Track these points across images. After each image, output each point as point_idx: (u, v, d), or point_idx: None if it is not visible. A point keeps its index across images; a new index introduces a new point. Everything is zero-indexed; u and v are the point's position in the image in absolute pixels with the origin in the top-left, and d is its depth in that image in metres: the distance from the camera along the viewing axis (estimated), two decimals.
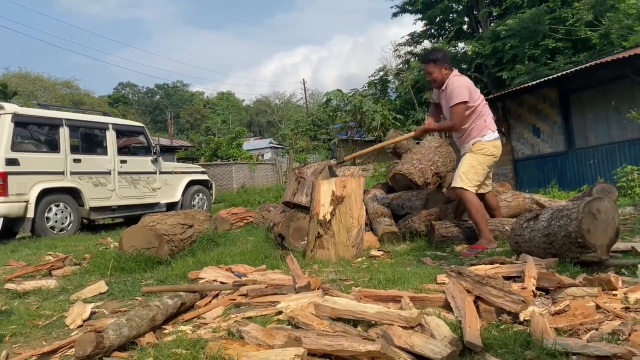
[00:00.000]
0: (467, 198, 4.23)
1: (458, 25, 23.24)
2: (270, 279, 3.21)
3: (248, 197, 15.83)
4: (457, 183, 4.29)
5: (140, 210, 8.97)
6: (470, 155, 4.31)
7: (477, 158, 4.28)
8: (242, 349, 1.95)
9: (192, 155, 29.30)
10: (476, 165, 4.27)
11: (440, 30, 24.22)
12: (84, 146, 8.65)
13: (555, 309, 2.17)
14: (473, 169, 4.26)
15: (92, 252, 5.24)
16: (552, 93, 11.45)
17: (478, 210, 4.20)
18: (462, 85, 4.24)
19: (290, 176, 5.63)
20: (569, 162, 11.10)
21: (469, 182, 4.23)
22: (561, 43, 16.02)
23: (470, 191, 4.23)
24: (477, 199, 4.26)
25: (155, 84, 73.90)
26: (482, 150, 4.28)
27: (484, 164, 4.29)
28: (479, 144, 4.28)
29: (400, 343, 1.89)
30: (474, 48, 18.79)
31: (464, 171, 4.28)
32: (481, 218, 4.19)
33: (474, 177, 4.25)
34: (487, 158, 4.30)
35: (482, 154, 4.28)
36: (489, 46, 18.07)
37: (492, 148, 4.30)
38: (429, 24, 23.93)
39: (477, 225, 4.22)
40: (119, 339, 2.28)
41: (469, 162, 4.29)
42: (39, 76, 39.81)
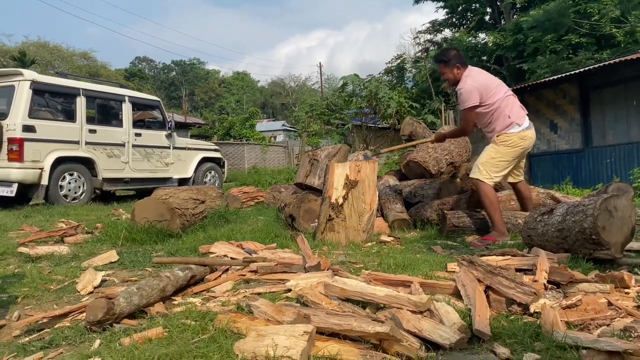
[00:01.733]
0: (482, 189, 4.19)
1: (480, 16, 22.91)
2: (280, 257, 3.23)
3: (259, 177, 15.85)
4: (475, 174, 4.26)
5: (153, 184, 9.02)
6: (492, 146, 4.25)
7: (499, 150, 4.21)
8: (251, 323, 1.96)
9: (205, 133, 29.36)
10: (497, 157, 4.20)
11: (462, 19, 23.91)
12: (100, 117, 8.68)
13: (566, 303, 2.16)
14: (493, 161, 4.21)
15: (104, 222, 5.29)
16: (572, 89, 11.27)
17: (492, 202, 4.16)
18: (471, 89, 4.16)
19: (304, 158, 5.62)
20: (585, 160, 10.96)
21: (487, 174, 4.19)
22: (585, 38, 15.74)
23: (486, 183, 4.18)
24: (492, 191, 4.21)
25: (172, 60, 74.09)
26: (505, 142, 4.20)
27: (508, 155, 4.21)
28: (504, 135, 4.20)
29: (409, 327, 1.89)
30: (495, 39, 18.52)
31: (482, 162, 4.23)
32: (495, 210, 4.14)
33: (493, 169, 4.19)
34: (512, 150, 4.20)
35: (506, 146, 4.20)
36: (510, 38, 17.80)
37: (517, 140, 4.20)
38: (450, 13, 23.63)
39: (491, 218, 4.18)
40: (129, 306, 2.30)
41: (490, 153, 4.23)
42: (57, 46, 39.88)
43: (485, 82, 4.26)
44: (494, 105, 4.20)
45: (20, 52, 27.69)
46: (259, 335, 1.77)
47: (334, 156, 5.40)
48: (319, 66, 48.32)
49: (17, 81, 7.47)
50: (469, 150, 6.08)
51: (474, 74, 4.29)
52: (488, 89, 4.21)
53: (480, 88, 4.18)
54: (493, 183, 4.23)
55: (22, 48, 32.91)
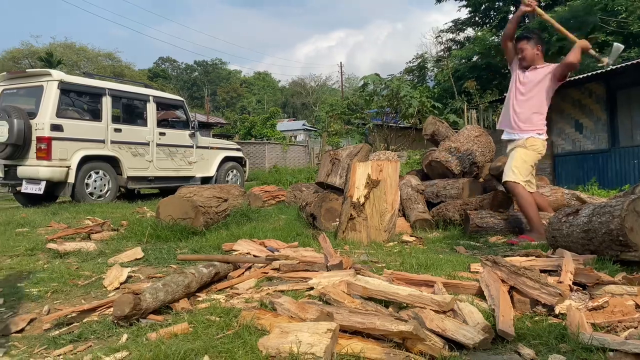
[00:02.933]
0: (519, 192, 4.17)
1: (503, 14, 22.64)
2: (302, 255, 3.24)
3: (280, 176, 15.93)
4: (510, 177, 4.24)
5: (176, 183, 9.15)
6: (523, 150, 4.25)
7: (529, 154, 4.24)
8: (275, 320, 1.99)
9: (227, 132, 29.60)
10: (528, 160, 4.24)
11: (485, 18, 23.68)
12: (125, 116, 8.83)
13: (592, 305, 2.13)
14: (525, 164, 4.23)
15: (129, 219, 5.38)
16: (599, 88, 11.06)
17: (531, 204, 4.14)
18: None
19: (325, 157, 5.64)
20: (611, 161, 10.75)
21: (521, 177, 4.19)
22: (612, 36, 15.43)
23: (522, 185, 4.17)
24: (528, 193, 4.20)
25: (195, 60, 74.81)
26: (534, 147, 4.24)
27: (533, 160, 4.27)
28: (532, 139, 4.25)
29: (432, 326, 1.88)
30: None
31: (516, 165, 4.23)
32: (534, 212, 4.12)
33: (525, 172, 4.22)
34: (537, 156, 4.28)
35: (534, 150, 4.25)
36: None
37: (541, 147, 4.28)
38: (473, 11, 23.40)
39: (530, 219, 4.16)
40: (155, 302, 2.35)
41: (521, 156, 4.24)
42: (83, 47, 40.67)
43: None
44: (546, 102, 4.30)
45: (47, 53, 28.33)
46: (283, 331, 1.78)
47: (355, 155, 5.40)
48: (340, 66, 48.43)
49: (45, 81, 7.64)
50: (493, 150, 6.02)
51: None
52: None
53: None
54: (528, 185, 4.22)
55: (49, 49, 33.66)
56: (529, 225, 4.20)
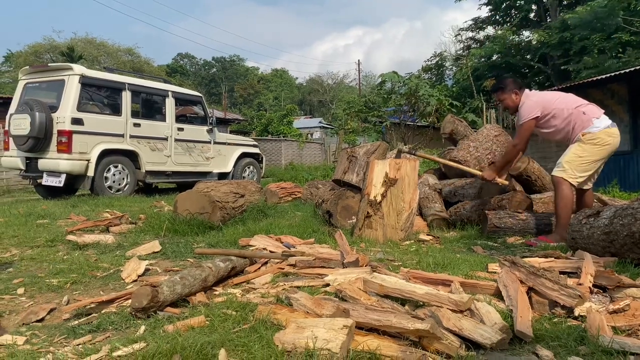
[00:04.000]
0: (562, 188, 3.98)
1: (525, 13, 22.37)
2: (318, 252, 3.24)
3: (296, 173, 15.95)
4: (558, 172, 4.04)
5: (193, 178, 9.22)
6: (579, 144, 4.02)
7: (586, 148, 3.98)
8: (291, 315, 1.99)
9: (244, 129, 29.75)
10: (585, 155, 3.98)
11: (506, 16, 23.40)
12: (144, 111, 8.93)
13: (613, 308, 2.10)
14: (580, 159, 3.98)
15: (146, 213, 5.43)
16: (621, 89, 10.85)
17: (566, 205, 3.95)
18: (532, 104, 4.13)
19: (342, 154, 5.62)
20: (634, 163, 10.55)
21: (572, 173, 3.97)
22: (635, 37, 15.14)
23: (568, 182, 3.97)
24: (571, 193, 4.00)
25: (213, 57, 75.11)
26: (593, 140, 3.97)
27: (596, 155, 3.99)
28: (591, 134, 3.98)
29: (449, 325, 1.87)
30: (540, 37, 18.04)
31: (568, 160, 4.01)
32: (566, 214, 3.92)
33: (579, 168, 3.98)
34: (601, 149, 3.99)
35: (593, 144, 3.97)
36: (556, 36, 17.29)
37: (605, 137, 3.97)
38: (494, 10, 23.14)
39: (558, 219, 3.99)
40: (172, 295, 2.37)
41: (576, 151, 4.02)
42: (103, 42, 41.14)
43: (546, 96, 4.27)
44: (564, 110, 4.10)
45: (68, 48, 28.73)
46: (299, 327, 1.79)
47: (372, 153, 5.38)
48: (357, 63, 48.23)
49: (67, 75, 7.75)
50: None
51: (533, 93, 4.31)
52: (550, 101, 4.17)
53: (541, 102, 4.14)
54: (577, 183, 4.01)
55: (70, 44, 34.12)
56: (555, 224, 4.06)
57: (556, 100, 4.16)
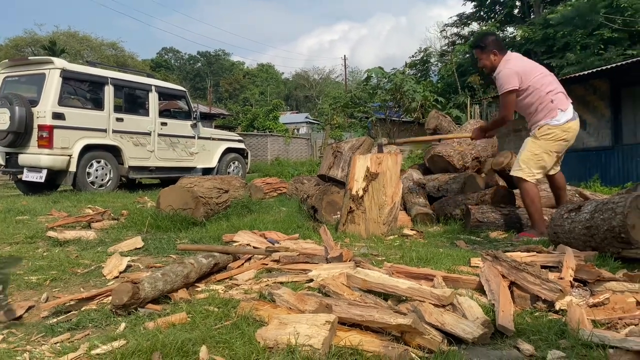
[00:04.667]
0: (524, 187, 4.01)
1: (509, 9, 22.51)
2: (302, 247, 3.23)
3: (282, 169, 15.91)
4: (516, 172, 4.07)
5: (177, 173, 9.14)
6: (533, 141, 4.03)
7: (541, 145, 3.98)
8: (274, 311, 1.98)
9: (230, 124, 29.59)
10: (539, 152, 3.98)
11: (490, 12, 23.53)
12: (127, 106, 8.81)
13: (593, 301, 2.12)
14: (535, 157, 3.99)
15: (129, 209, 5.37)
16: (603, 85, 10.99)
17: (533, 202, 3.98)
18: (510, 72, 3.98)
19: (327, 150, 5.62)
20: (614, 158, 10.70)
21: (529, 172, 3.98)
22: (617, 34, 15.32)
23: (530, 181, 3.99)
24: (535, 189, 4.01)
25: (198, 51, 74.56)
26: (547, 136, 3.96)
27: (550, 150, 3.98)
28: (545, 128, 3.96)
29: (431, 320, 1.88)
30: (524, 33, 18.18)
31: (524, 160, 4.02)
32: (536, 209, 3.97)
33: (535, 165, 3.99)
34: (555, 143, 3.97)
35: (547, 140, 3.96)
36: (539, 32, 17.43)
37: (560, 132, 3.94)
38: (478, 6, 23.26)
39: (531, 216, 4.02)
40: (154, 291, 2.34)
41: (531, 149, 4.02)
42: (86, 36, 40.54)
43: (526, 67, 4.07)
44: (537, 91, 3.98)
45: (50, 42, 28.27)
46: (281, 323, 1.78)
47: (357, 148, 5.38)
48: (344, 59, 48.06)
49: (47, 69, 7.61)
50: (495, 145, 5.99)
51: (513, 58, 4.12)
52: (529, 74, 4.01)
53: (521, 72, 3.99)
54: (535, 180, 4.03)
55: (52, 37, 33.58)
56: (530, 221, 4.12)
57: (535, 76, 4.02)
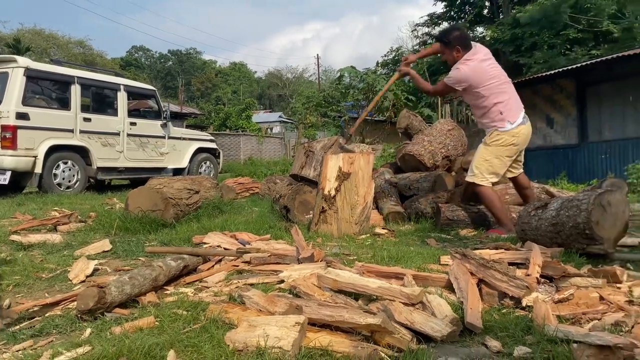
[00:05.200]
0: (481, 192, 4.11)
1: (478, 9, 22.84)
2: (274, 248, 3.22)
3: (255, 168, 15.82)
4: (470, 177, 4.18)
5: (147, 174, 8.98)
6: (485, 147, 4.13)
7: (491, 150, 4.08)
8: (243, 314, 1.96)
9: (201, 123, 29.25)
10: (490, 158, 4.08)
11: (460, 12, 23.83)
12: (95, 105, 8.63)
13: (558, 297, 2.16)
14: (487, 163, 4.08)
15: (97, 211, 5.26)
16: (569, 84, 11.26)
17: (493, 203, 4.07)
18: (463, 74, 4.05)
19: (300, 149, 5.61)
20: (581, 155, 10.98)
21: (481, 177, 4.08)
22: (582, 34, 15.72)
23: (483, 185, 4.08)
24: (490, 191, 4.10)
25: (169, 50, 73.46)
26: (497, 142, 4.06)
27: (502, 155, 4.07)
28: (495, 134, 4.07)
29: (401, 319, 1.88)
30: (493, 33, 18.48)
31: (477, 165, 4.12)
32: (497, 209, 4.06)
33: (487, 170, 4.08)
34: (505, 148, 4.06)
35: (497, 145, 4.06)
36: (508, 32, 17.75)
37: (509, 138, 4.04)
38: (448, 6, 23.54)
39: (496, 216, 4.12)
40: (121, 295, 2.30)
41: (482, 155, 4.12)
42: (52, 33, 39.53)
43: (483, 72, 4.08)
44: (486, 97, 4.06)
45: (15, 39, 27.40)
46: (251, 325, 1.76)
47: (329, 148, 5.38)
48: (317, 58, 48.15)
49: (10, 68, 7.40)
50: (465, 144, 6.08)
51: (476, 59, 4.10)
52: (482, 80, 4.05)
53: (474, 78, 4.04)
54: (489, 184, 4.11)
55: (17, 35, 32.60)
56: (496, 221, 4.18)
57: (487, 86, 4.06)
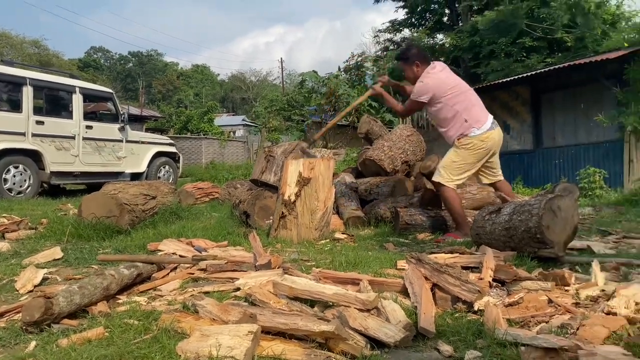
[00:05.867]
0: (444, 193, 4.19)
1: (438, 17, 23.25)
2: (231, 255, 3.18)
3: (216, 173, 15.63)
4: (436, 177, 4.25)
5: (104, 178, 8.76)
6: (453, 150, 4.22)
7: (460, 153, 4.17)
8: (196, 323, 1.92)
9: (162, 126, 28.75)
10: (458, 160, 4.17)
11: (421, 19, 24.20)
12: (48, 108, 8.36)
13: (509, 301, 2.21)
14: (454, 164, 4.17)
15: (49, 217, 5.09)
16: (525, 91, 11.62)
17: (454, 205, 4.16)
18: (426, 88, 4.20)
19: (260, 154, 5.57)
20: (535, 161, 11.33)
21: (447, 177, 4.16)
22: (538, 42, 16.21)
23: (448, 186, 4.16)
24: (454, 193, 4.18)
25: (129, 51, 72.05)
26: (466, 146, 4.15)
27: (469, 158, 4.17)
28: (464, 139, 4.15)
29: (355, 325, 1.89)
30: (453, 41, 18.86)
31: (443, 165, 4.21)
32: (457, 212, 4.15)
33: (454, 172, 4.16)
34: (474, 153, 4.15)
35: (466, 149, 4.15)
36: (467, 40, 18.15)
37: (478, 142, 4.13)
38: (410, 13, 23.88)
39: (455, 219, 4.21)
40: (70, 306, 2.22)
41: (450, 157, 4.21)
42: (5, 32, 38.12)
43: (443, 83, 4.23)
44: (450, 107, 4.18)
45: None
46: (203, 335, 1.73)
47: (290, 152, 5.36)
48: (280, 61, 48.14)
49: None
50: (423, 149, 6.17)
51: (435, 71, 4.27)
52: (444, 90, 4.19)
53: (436, 88, 4.19)
54: (454, 186, 4.20)
55: None
56: (455, 224, 4.28)
57: (450, 95, 4.20)
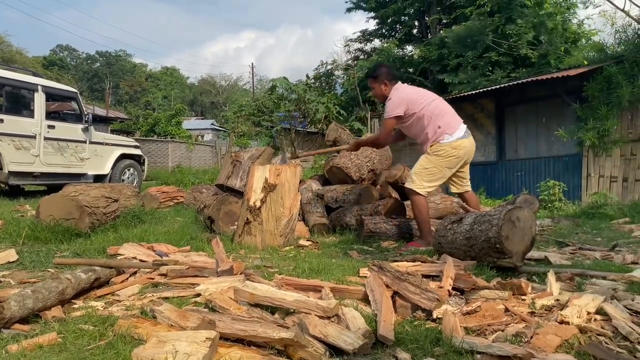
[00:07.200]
0: (413, 199, 4.22)
1: (408, 28, 23.62)
2: (193, 260, 3.14)
3: (182, 177, 15.41)
4: (408, 183, 4.28)
5: (66, 180, 8.51)
6: (425, 156, 4.26)
7: (431, 160, 4.22)
8: (153, 329, 1.89)
9: (128, 128, 28.25)
10: (430, 167, 4.21)
11: (391, 31, 24.53)
12: (8, 106, 8.09)
13: (467, 309, 2.25)
14: (426, 171, 4.21)
15: (5, 218, 4.92)
16: (490, 104, 11.90)
17: (421, 213, 4.19)
18: (398, 101, 4.26)
19: (227, 159, 5.54)
20: (498, 172, 11.60)
21: (419, 184, 4.19)
22: (503, 57, 16.66)
23: (419, 193, 4.19)
24: (423, 201, 4.22)
25: (96, 51, 70.66)
26: (438, 152, 4.20)
27: (441, 165, 4.21)
28: (436, 145, 4.21)
29: (315, 332, 1.89)
30: (421, 52, 19.19)
31: (415, 172, 4.25)
32: (423, 220, 4.19)
33: (425, 179, 4.20)
34: (446, 160, 4.20)
35: (438, 156, 4.20)
36: (435, 52, 18.50)
37: (450, 149, 4.19)
38: (380, 23, 24.18)
39: (419, 227, 4.24)
40: (22, 310, 2.15)
41: (422, 163, 4.25)
42: None
43: (413, 95, 4.34)
44: (423, 116, 4.24)
45: None
46: (160, 341, 1.70)
47: (257, 158, 5.35)
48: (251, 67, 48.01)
49: None
50: (390, 158, 6.24)
51: (402, 88, 4.40)
52: (415, 102, 4.27)
53: (408, 100, 4.26)
54: (426, 193, 4.23)
55: None
56: (418, 231, 4.33)
57: (422, 106, 4.27)
